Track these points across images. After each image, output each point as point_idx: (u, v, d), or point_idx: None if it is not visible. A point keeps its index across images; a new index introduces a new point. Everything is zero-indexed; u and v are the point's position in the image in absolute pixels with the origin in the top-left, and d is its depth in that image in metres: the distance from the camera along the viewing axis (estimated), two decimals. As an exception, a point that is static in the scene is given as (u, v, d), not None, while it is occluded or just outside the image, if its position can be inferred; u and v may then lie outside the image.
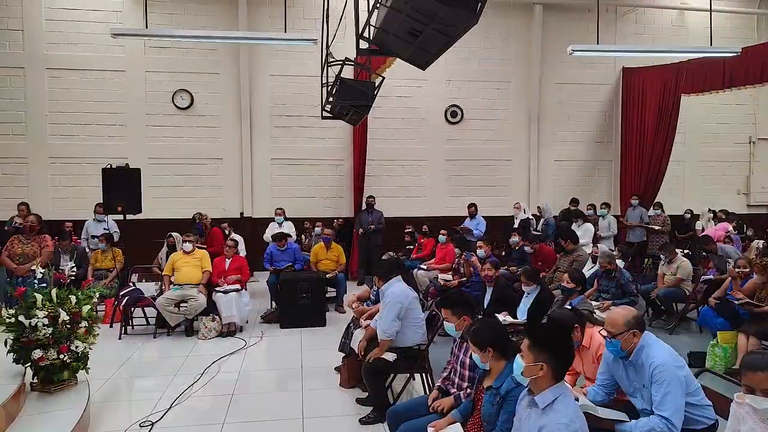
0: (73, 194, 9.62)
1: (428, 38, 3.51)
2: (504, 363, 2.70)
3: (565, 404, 2.17)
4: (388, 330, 4.09)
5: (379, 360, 4.09)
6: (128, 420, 4.12)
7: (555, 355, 2.22)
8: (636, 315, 2.82)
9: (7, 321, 3.96)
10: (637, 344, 2.73)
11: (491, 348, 2.70)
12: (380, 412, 4.12)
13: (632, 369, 2.80)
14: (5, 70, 9.48)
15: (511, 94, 11.12)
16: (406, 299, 4.19)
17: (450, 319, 3.34)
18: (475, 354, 2.75)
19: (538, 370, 2.21)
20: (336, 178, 10.61)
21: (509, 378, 2.61)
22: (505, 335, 2.89)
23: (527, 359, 2.24)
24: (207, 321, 6.33)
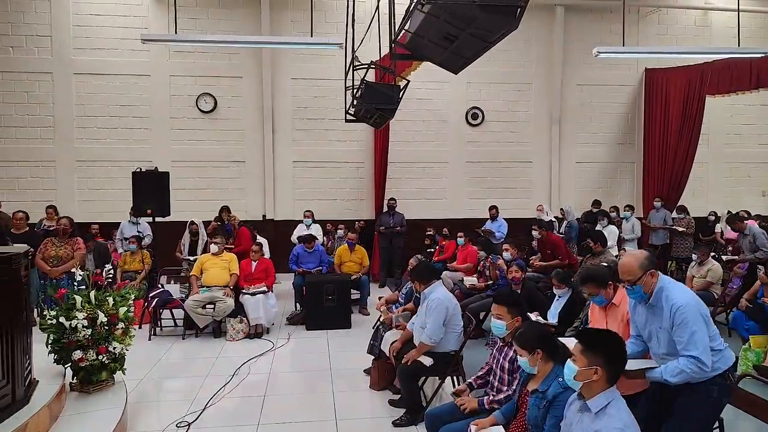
0: (99, 197, 9.78)
1: (464, 43, 3.53)
2: (551, 365, 2.70)
3: (618, 408, 2.17)
4: (434, 336, 4.09)
5: (416, 363, 4.10)
6: (164, 420, 4.18)
7: (609, 359, 2.22)
8: (647, 255, 2.79)
9: (48, 322, 4.05)
10: (656, 284, 2.70)
11: (540, 350, 2.69)
12: (413, 414, 4.15)
13: (650, 312, 2.77)
14: (34, 75, 9.67)
15: (532, 95, 11.09)
16: (452, 305, 4.22)
17: (504, 317, 3.25)
18: (522, 357, 2.73)
19: (592, 374, 2.20)
20: (357, 180, 10.66)
21: (556, 381, 2.62)
22: (552, 337, 2.89)
23: (580, 363, 2.23)
24: (235, 322, 6.40)
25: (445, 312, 4.13)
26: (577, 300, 4.69)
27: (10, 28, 9.58)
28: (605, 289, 3.32)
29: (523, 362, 2.76)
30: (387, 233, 9.49)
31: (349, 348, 6.00)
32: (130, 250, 7.46)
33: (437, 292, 4.27)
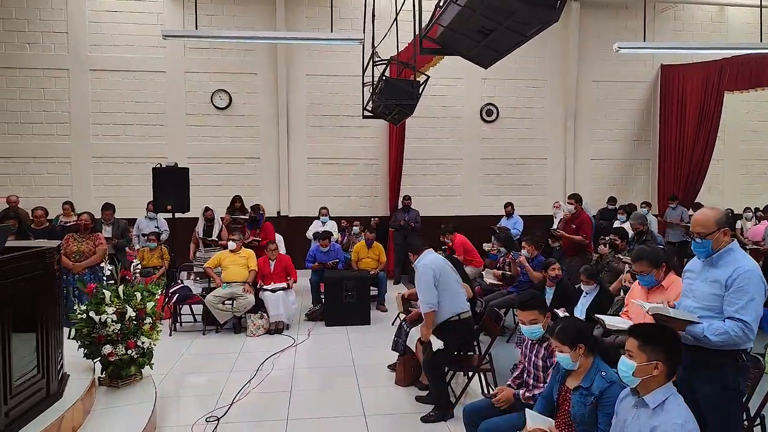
0: (115, 193, 9.77)
1: (499, 37, 3.50)
2: (591, 360, 2.68)
3: (677, 404, 2.15)
4: (427, 300, 4.03)
5: (437, 353, 4.08)
6: (193, 415, 4.19)
7: (670, 353, 2.19)
8: (726, 213, 2.74)
9: (78, 316, 4.06)
10: (728, 243, 2.65)
11: (583, 344, 2.66)
12: (442, 410, 4.13)
13: (706, 267, 2.72)
14: (50, 72, 9.69)
15: (547, 92, 11.03)
16: (438, 267, 4.13)
17: (538, 320, 3.22)
18: (563, 354, 2.69)
19: (653, 369, 2.17)
20: (371, 177, 10.64)
21: (599, 376, 2.60)
22: (591, 331, 2.86)
23: (639, 359, 2.20)
24: (255, 318, 6.41)
25: (431, 274, 4.05)
26: (604, 297, 4.66)
27: (27, 25, 9.60)
28: (657, 270, 3.29)
29: (564, 358, 2.70)
30: (402, 230, 9.47)
31: (371, 344, 5.99)
32: (149, 246, 7.47)
33: (424, 259, 4.22)
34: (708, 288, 2.66)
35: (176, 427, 4.01)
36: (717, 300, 2.63)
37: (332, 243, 7.77)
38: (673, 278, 3.39)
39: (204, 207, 7.72)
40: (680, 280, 3.20)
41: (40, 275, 3.33)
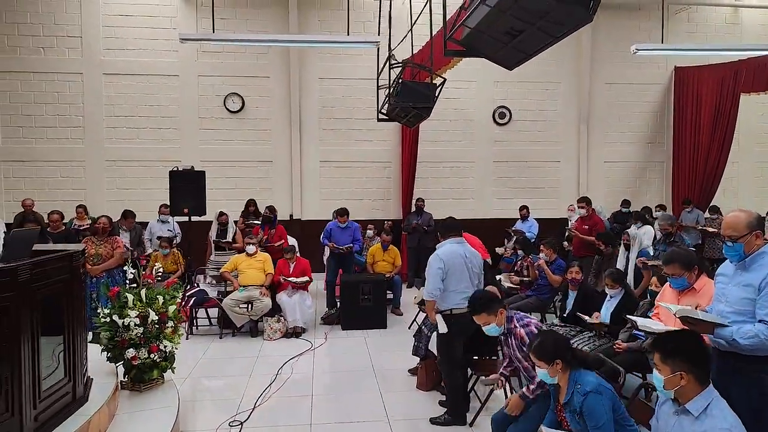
0: (128, 196, 9.80)
1: (528, 38, 3.47)
2: (569, 373, 2.68)
3: (720, 408, 2.10)
4: (429, 289, 4.03)
5: (450, 348, 4.03)
6: (215, 419, 4.16)
7: (692, 361, 2.15)
8: (757, 216, 2.69)
9: (101, 320, 4.04)
10: (760, 246, 2.60)
11: (560, 359, 2.67)
12: (455, 413, 4.08)
13: (738, 270, 2.68)
14: (64, 76, 9.72)
15: (560, 94, 10.98)
16: (450, 260, 4.06)
17: (489, 321, 3.34)
18: (542, 369, 2.72)
19: (679, 380, 2.15)
20: (384, 180, 10.61)
21: (575, 391, 2.61)
22: (568, 343, 2.87)
23: (664, 372, 2.18)
24: (272, 322, 6.38)
25: (440, 265, 4.01)
26: (629, 300, 4.61)
27: (42, 29, 9.64)
28: (689, 272, 3.26)
29: (543, 374, 2.74)
30: (415, 233, 9.44)
31: (389, 348, 5.95)
32: (162, 253, 7.43)
33: (442, 248, 4.17)
34: (740, 292, 2.62)
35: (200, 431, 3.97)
36: (749, 304, 2.58)
37: (349, 222, 7.69)
38: (705, 281, 3.34)
39: (218, 211, 7.70)
40: (712, 283, 3.16)
41: (67, 278, 3.31)
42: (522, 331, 3.24)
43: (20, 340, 2.79)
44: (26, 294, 2.85)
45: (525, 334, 3.23)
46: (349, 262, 7.77)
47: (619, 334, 4.34)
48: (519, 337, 3.25)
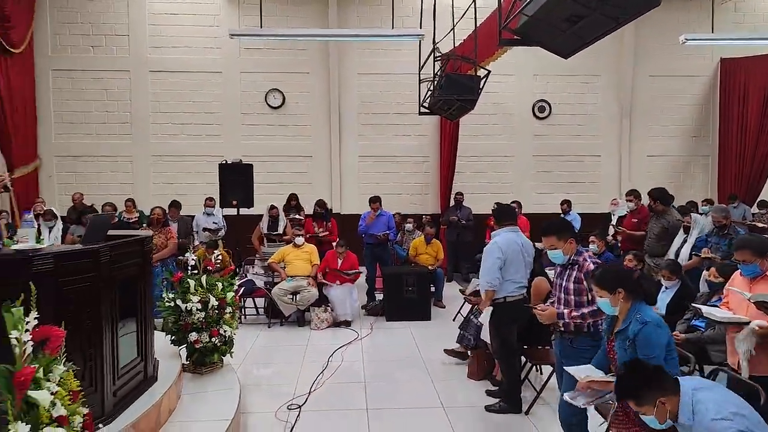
0: (173, 190, 10.03)
1: (589, 24, 3.47)
2: (630, 304, 2.67)
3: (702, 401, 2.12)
4: (488, 279, 3.98)
5: (505, 337, 4.04)
6: (273, 403, 4.26)
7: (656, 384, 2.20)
8: None
9: (166, 305, 4.19)
10: None
11: (622, 289, 2.65)
12: (511, 401, 4.09)
13: None
14: (113, 74, 10.03)
15: (601, 87, 10.83)
16: (510, 249, 4.02)
17: (557, 245, 3.24)
18: (603, 299, 2.70)
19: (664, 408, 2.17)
20: (422, 174, 10.65)
21: (634, 319, 2.60)
22: (632, 275, 2.85)
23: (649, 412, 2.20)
24: (319, 312, 6.49)
25: (498, 253, 3.96)
26: (687, 292, 4.54)
27: (91, 29, 9.97)
28: (761, 259, 3.20)
29: (604, 303, 2.73)
30: (454, 227, 9.44)
31: (435, 339, 5.96)
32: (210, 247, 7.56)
33: (499, 236, 4.12)
34: None
35: (260, 413, 4.09)
36: None
37: (381, 210, 7.74)
38: None
39: (269, 204, 7.86)
40: None
41: (140, 262, 3.45)
42: (591, 265, 3.16)
43: (102, 318, 2.92)
44: (107, 274, 2.98)
45: (593, 267, 3.13)
46: (386, 253, 7.82)
47: (677, 326, 4.29)
48: (585, 270, 3.16)
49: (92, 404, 2.88)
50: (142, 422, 3.09)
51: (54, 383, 2.10)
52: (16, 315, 2.03)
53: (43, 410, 1.99)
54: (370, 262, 7.70)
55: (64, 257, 2.70)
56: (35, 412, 1.98)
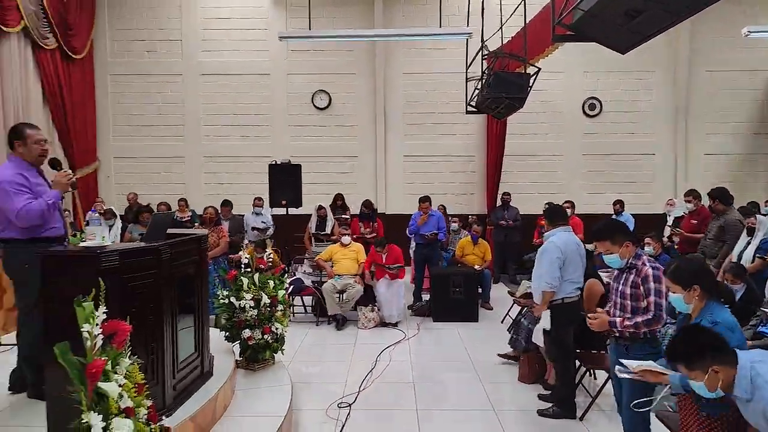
0: (224, 190, 10.29)
1: (648, 18, 3.36)
2: (704, 303, 2.53)
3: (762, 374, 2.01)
4: (548, 279, 3.88)
5: (562, 340, 3.94)
6: (323, 401, 4.30)
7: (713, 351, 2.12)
8: None
9: (220, 302, 4.30)
10: None
11: (697, 285, 2.52)
12: (566, 406, 3.98)
13: None
14: (167, 77, 10.37)
15: (655, 84, 10.46)
16: (568, 249, 3.94)
17: (612, 250, 3.11)
18: (676, 294, 2.57)
19: (716, 376, 2.10)
20: (468, 174, 10.55)
21: (706, 318, 2.46)
22: (709, 271, 2.70)
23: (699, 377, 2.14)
24: (366, 311, 6.51)
25: (557, 253, 3.87)
26: (752, 296, 4.33)
27: (147, 35, 10.34)
28: None
29: (676, 299, 2.60)
30: (501, 228, 9.30)
31: (483, 341, 5.91)
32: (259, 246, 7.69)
33: (555, 236, 4.01)
34: None
35: (311, 411, 4.13)
36: None
37: (432, 210, 7.67)
38: None
39: (317, 204, 7.97)
40: None
41: (197, 260, 3.54)
42: (649, 270, 3.03)
43: (163, 314, 3.02)
44: (167, 272, 3.07)
45: (651, 273, 3.02)
46: (435, 254, 7.78)
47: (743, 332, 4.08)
48: (643, 275, 3.03)
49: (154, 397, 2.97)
50: (200, 416, 3.17)
51: (121, 376, 2.17)
52: (87, 309, 2.12)
53: (112, 401, 2.07)
54: (419, 263, 7.66)
55: (128, 255, 2.79)
56: (105, 403, 2.06)
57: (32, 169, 3.33)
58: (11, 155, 3.33)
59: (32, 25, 8.23)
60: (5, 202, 3.12)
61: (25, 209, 3.12)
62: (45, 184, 3.38)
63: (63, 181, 3.36)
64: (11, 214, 3.13)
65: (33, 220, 3.18)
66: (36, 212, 3.16)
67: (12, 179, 3.16)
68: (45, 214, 3.22)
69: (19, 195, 3.13)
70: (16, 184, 3.15)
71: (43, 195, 3.26)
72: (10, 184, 3.13)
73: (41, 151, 3.35)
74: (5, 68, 7.91)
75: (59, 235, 3.38)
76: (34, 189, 3.24)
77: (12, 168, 3.24)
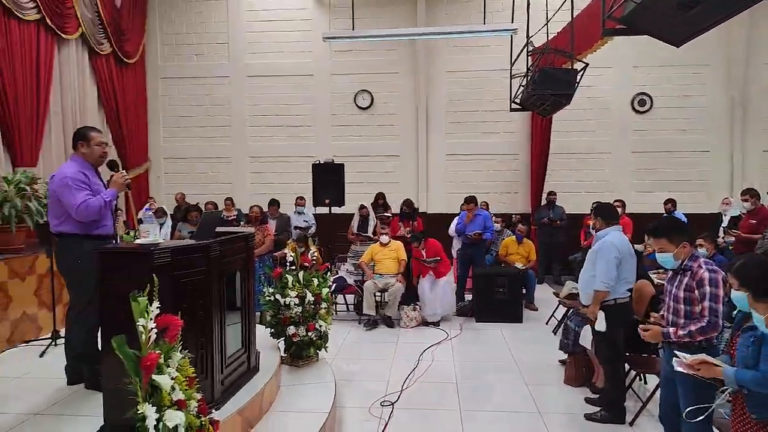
0: (269, 189, 10.46)
1: (705, 9, 3.21)
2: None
3: None
4: (604, 279, 3.77)
5: (614, 342, 3.83)
6: (366, 398, 4.32)
7: None
8: None
9: (266, 299, 4.38)
10: None
11: None
12: (616, 411, 3.86)
13: None
14: (214, 80, 10.65)
15: (709, 78, 10.03)
16: (625, 249, 3.84)
17: (667, 248, 2.97)
18: (738, 292, 2.42)
19: None
20: (511, 173, 10.40)
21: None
22: None
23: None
24: (408, 310, 6.51)
25: (615, 252, 3.77)
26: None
27: (195, 38, 10.65)
28: None
29: (738, 297, 2.44)
30: (546, 227, 9.12)
31: (528, 342, 5.81)
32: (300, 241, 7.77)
33: (610, 236, 3.90)
34: None
35: (354, 408, 4.16)
36: None
37: (478, 210, 7.57)
38: None
39: (360, 204, 8.04)
40: None
41: (244, 258, 3.62)
42: (705, 273, 2.87)
43: (212, 310, 3.10)
44: (216, 269, 3.15)
45: (708, 276, 2.87)
46: (480, 254, 7.68)
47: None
48: (698, 278, 2.89)
49: (203, 390, 3.05)
50: (247, 410, 3.24)
51: (173, 369, 2.24)
52: (142, 304, 2.20)
53: (165, 393, 2.14)
54: (463, 263, 7.59)
55: (179, 252, 2.88)
56: (158, 395, 2.13)
57: (92, 169, 3.53)
58: (74, 155, 3.54)
59: (89, 31, 8.59)
60: (67, 196, 3.31)
61: (84, 204, 3.30)
62: (102, 184, 3.56)
63: (120, 181, 3.54)
64: (71, 209, 3.31)
65: (91, 215, 3.35)
66: (94, 208, 3.34)
67: (74, 176, 3.35)
68: (102, 211, 3.40)
69: (80, 191, 3.32)
70: (78, 180, 3.35)
71: (100, 193, 3.43)
72: (72, 180, 3.33)
73: (102, 152, 3.55)
74: (64, 73, 8.29)
75: (109, 233, 3.54)
76: (93, 187, 3.43)
77: (74, 166, 3.44)
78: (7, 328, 4.78)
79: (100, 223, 3.46)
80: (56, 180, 3.37)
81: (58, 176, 3.37)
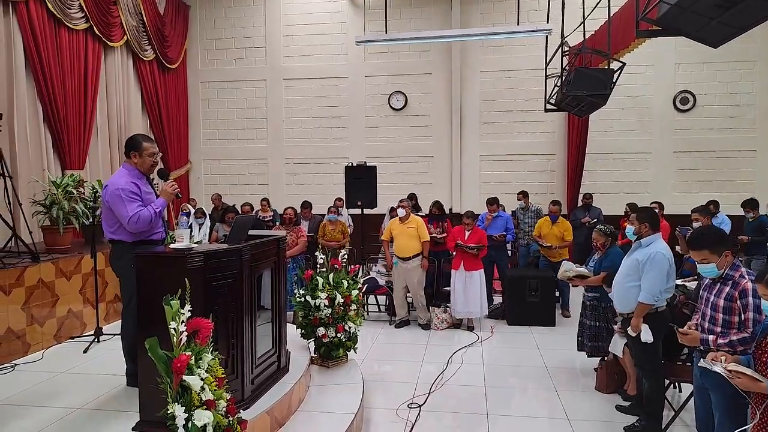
0: (304, 190, 10.64)
1: (743, 9, 3.12)
2: None
3: None
4: (654, 292, 3.67)
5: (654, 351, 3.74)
6: (393, 400, 4.37)
7: None
8: None
9: (297, 300, 4.48)
10: None
11: None
12: (653, 421, 3.78)
13: None
14: (252, 83, 10.89)
15: (756, 75, 9.64)
16: (671, 260, 3.77)
17: (709, 259, 2.90)
18: None
19: None
20: (547, 173, 10.26)
21: None
22: None
23: None
24: (438, 312, 6.52)
25: (668, 264, 3.70)
26: None
27: (234, 42, 10.90)
28: None
29: None
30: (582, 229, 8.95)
31: (560, 346, 5.74)
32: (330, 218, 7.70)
33: (660, 244, 3.81)
34: None
35: (382, 410, 4.22)
36: None
37: (500, 212, 7.47)
38: None
39: (390, 207, 8.08)
40: None
41: (275, 260, 3.72)
42: (749, 284, 2.82)
43: (243, 311, 3.20)
44: (248, 271, 3.25)
45: (751, 287, 2.80)
46: (503, 256, 7.58)
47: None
48: (741, 288, 2.83)
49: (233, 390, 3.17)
50: (276, 409, 3.34)
51: (203, 370, 2.34)
52: (174, 307, 2.31)
53: (194, 394, 2.24)
54: (486, 265, 7.51)
55: (212, 256, 2.99)
56: (188, 395, 2.23)
57: (143, 178, 3.63)
58: (126, 163, 3.64)
59: (133, 38, 8.92)
60: (119, 207, 3.41)
61: (136, 216, 3.40)
62: (153, 193, 3.67)
63: (170, 191, 3.65)
64: (123, 220, 3.42)
65: (142, 227, 3.46)
66: (145, 220, 3.44)
67: (126, 186, 3.44)
68: (153, 221, 3.51)
69: (131, 202, 3.41)
70: (130, 192, 3.43)
71: (151, 203, 3.54)
72: (124, 192, 3.41)
73: (153, 162, 3.65)
74: (110, 80, 8.64)
75: (161, 238, 3.68)
76: (144, 197, 3.53)
77: (126, 176, 3.53)
78: (54, 325, 5.05)
79: (153, 230, 3.60)
80: (109, 190, 3.44)
81: (111, 187, 3.45)
